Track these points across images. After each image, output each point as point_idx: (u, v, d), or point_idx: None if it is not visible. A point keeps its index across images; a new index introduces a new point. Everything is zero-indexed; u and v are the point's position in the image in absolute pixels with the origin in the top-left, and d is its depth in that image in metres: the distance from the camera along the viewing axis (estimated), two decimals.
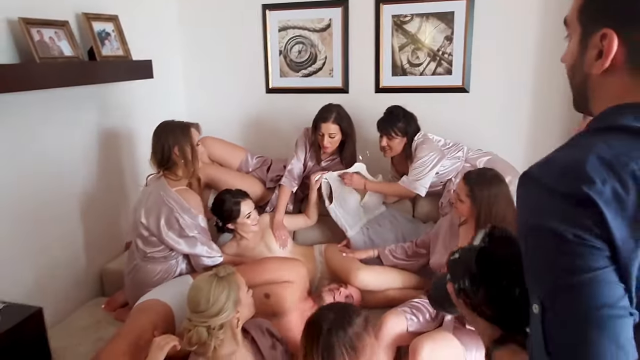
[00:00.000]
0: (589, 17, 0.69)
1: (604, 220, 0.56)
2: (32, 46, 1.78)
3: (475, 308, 0.80)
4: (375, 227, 2.42)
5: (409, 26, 2.67)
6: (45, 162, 2.06)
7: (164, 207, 1.97)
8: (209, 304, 1.50)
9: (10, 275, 1.91)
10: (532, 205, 0.63)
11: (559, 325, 0.58)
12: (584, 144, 0.63)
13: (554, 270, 0.59)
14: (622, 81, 0.66)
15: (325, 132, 2.40)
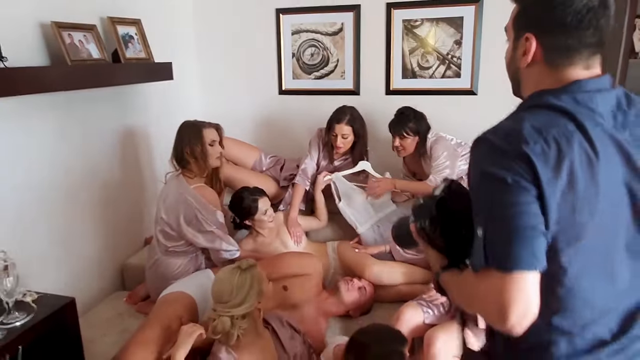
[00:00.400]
0: (519, 25, 0.93)
1: (534, 169, 0.78)
2: (63, 49, 1.87)
3: (430, 242, 1.01)
4: (386, 225, 2.50)
5: (419, 30, 2.76)
6: (72, 160, 2.15)
7: (183, 204, 2.05)
8: (232, 295, 1.59)
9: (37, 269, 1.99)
10: (484, 159, 0.84)
11: (495, 241, 0.79)
12: (520, 117, 0.86)
13: (495, 204, 0.81)
14: (541, 73, 0.90)
15: (339, 133, 2.48)
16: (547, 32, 0.88)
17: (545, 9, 0.87)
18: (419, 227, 1.00)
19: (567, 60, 0.87)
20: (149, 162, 2.69)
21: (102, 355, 1.88)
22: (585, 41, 0.86)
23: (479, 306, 0.86)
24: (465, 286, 0.89)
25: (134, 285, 2.42)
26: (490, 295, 0.79)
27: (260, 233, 2.41)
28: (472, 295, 0.86)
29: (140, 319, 2.16)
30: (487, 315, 0.83)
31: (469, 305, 0.92)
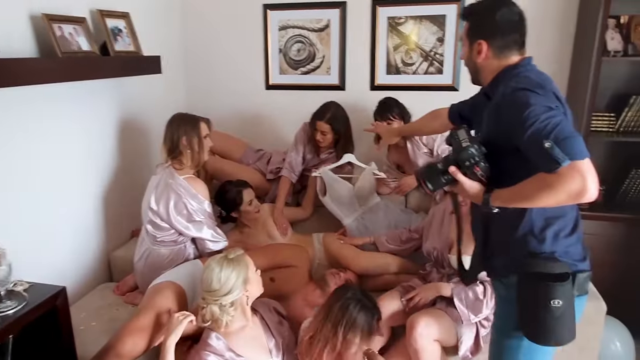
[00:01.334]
0: (472, 35, 1.39)
1: (559, 99, 1.25)
2: (54, 41, 1.88)
3: (471, 175, 1.30)
4: (370, 216, 2.57)
5: (403, 28, 2.83)
6: (60, 151, 2.16)
7: (173, 194, 2.09)
8: (220, 283, 1.64)
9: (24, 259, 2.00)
10: (533, 99, 1.19)
11: (565, 145, 1.10)
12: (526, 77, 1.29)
13: (552, 122, 1.14)
14: (492, 63, 1.37)
15: (319, 129, 2.56)
16: (492, 38, 1.35)
17: (490, 25, 1.35)
18: (470, 164, 1.28)
19: (508, 52, 1.35)
20: (138, 154, 2.71)
21: (92, 343, 1.90)
22: (517, 40, 1.36)
23: (556, 195, 1.12)
24: (534, 187, 1.17)
25: (121, 277, 2.44)
26: (574, 180, 1.09)
27: (247, 225, 2.46)
28: (548, 190, 1.13)
29: (128, 309, 2.19)
30: (567, 197, 1.11)
31: (539, 199, 1.16)
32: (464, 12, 1.44)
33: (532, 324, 1.29)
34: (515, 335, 1.35)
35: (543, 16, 2.62)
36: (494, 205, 1.27)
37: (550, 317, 1.24)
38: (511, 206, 1.25)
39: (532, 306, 1.28)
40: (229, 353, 1.70)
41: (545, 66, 2.59)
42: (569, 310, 1.26)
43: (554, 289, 1.24)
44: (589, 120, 2.40)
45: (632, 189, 2.57)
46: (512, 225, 1.33)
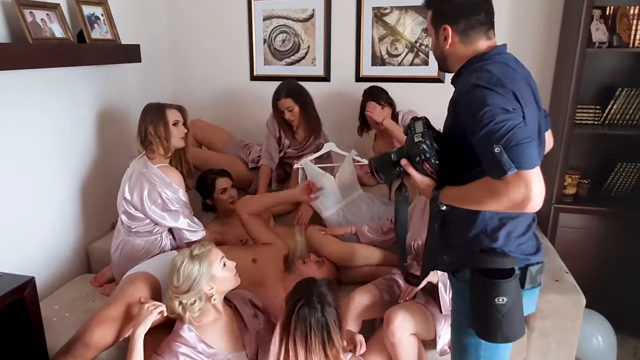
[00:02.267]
0: (436, 22, 1.33)
1: (518, 99, 1.17)
2: (25, 27, 1.85)
3: (421, 170, 1.29)
4: (352, 209, 2.54)
5: (389, 18, 2.80)
6: (38, 139, 2.13)
7: (147, 183, 2.07)
8: (180, 282, 1.62)
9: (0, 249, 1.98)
10: (488, 98, 1.14)
11: (514, 151, 1.07)
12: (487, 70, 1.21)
13: (505, 126, 1.10)
14: (459, 49, 1.31)
15: (282, 108, 2.56)
16: (456, 21, 1.29)
17: (450, 8, 1.30)
18: (421, 159, 1.26)
19: (474, 36, 1.29)
20: (118, 144, 2.67)
21: (63, 334, 1.87)
22: (481, 20, 1.29)
23: (499, 202, 1.11)
24: (480, 191, 1.16)
25: (100, 269, 2.41)
26: (519, 189, 1.07)
27: (226, 215, 2.44)
28: (492, 196, 1.12)
29: (104, 300, 2.15)
30: (511, 205, 1.10)
31: (484, 203, 1.16)
32: (426, 1, 1.38)
33: (479, 320, 1.29)
34: (473, 332, 1.33)
35: (529, 7, 2.60)
36: (443, 202, 1.26)
37: (496, 313, 1.22)
38: (458, 206, 1.24)
39: (480, 303, 1.27)
40: (200, 345, 1.68)
41: (530, 57, 2.61)
42: (515, 307, 1.24)
43: (499, 286, 1.22)
44: (573, 113, 2.37)
45: (617, 182, 2.55)
46: (466, 224, 1.31)
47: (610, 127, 2.50)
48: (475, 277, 1.27)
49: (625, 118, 2.48)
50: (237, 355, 1.73)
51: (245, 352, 1.76)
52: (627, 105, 2.45)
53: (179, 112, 2.19)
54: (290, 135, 2.69)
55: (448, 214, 1.29)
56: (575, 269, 2.13)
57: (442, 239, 1.38)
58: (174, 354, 1.65)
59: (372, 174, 1.40)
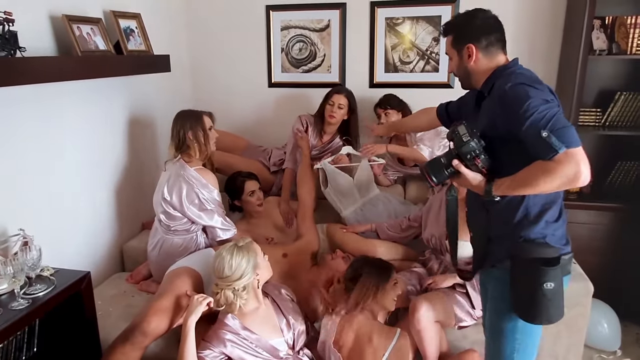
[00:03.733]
0: (459, 43, 1.50)
1: (553, 93, 1.36)
2: (74, 40, 1.99)
3: (473, 167, 1.40)
4: (369, 208, 2.69)
5: (401, 28, 2.96)
6: (76, 144, 2.27)
7: (185, 184, 2.20)
8: (232, 270, 1.75)
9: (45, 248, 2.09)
10: (531, 92, 1.30)
11: (561, 134, 1.22)
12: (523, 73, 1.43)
13: (550, 114, 1.25)
14: (483, 64, 1.47)
15: (336, 102, 2.71)
16: (478, 40, 1.47)
17: (471, 29, 1.48)
18: (471, 157, 1.38)
19: (495, 51, 1.48)
20: (149, 149, 2.81)
21: (111, 327, 2.01)
22: (499, 38, 1.49)
23: (553, 180, 1.24)
24: (533, 174, 1.27)
25: (133, 267, 2.55)
26: (570, 165, 1.21)
27: (252, 215, 2.58)
28: (547, 175, 1.24)
29: (143, 296, 2.30)
30: (565, 181, 1.23)
31: (539, 184, 1.27)
32: (445, 28, 1.55)
33: (526, 305, 1.40)
34: (511, 316, 1.46)
35: (533, 18, 2.77)
36: (496, 194, 1.37)
37: (544, 298, 1.34)
38: (512, 194, 1.36)
39: (527, 289, 1.38)
40: (244, 331, 1.81)
41: (536, 64, 2.78)
42: (559, 292, 1.37)
43: (547, 273, 1.34)
44: (576, 116, 2.55)
45: (618, 179, 2.72)
46: (510, 213, 1.43)
47: (610, 128, 2.67)
48: (521, 265, 1.39)
49: (624, 120, 2.65)
50: (277, 341, 1.87)
51: (283, 338, 1.90)
52: (626, 108, 2.63)
53: (210, 118, 2.33)
54: (318, 135, 2.83)
55: (492, 205, 1.41)
56: (580, 261, 2.27)
57: (487, 232, 1.51)
58: (221, 340, 1.78)
59: (424, 178, 1.50)
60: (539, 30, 2.79)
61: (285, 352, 1.86)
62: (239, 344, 1.79)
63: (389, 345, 1.75)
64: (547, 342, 2.12)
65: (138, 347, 1.79)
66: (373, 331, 1.79)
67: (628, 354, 2.47)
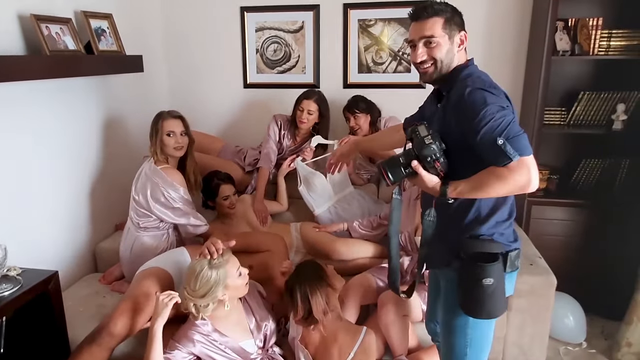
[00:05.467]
0: (451, 28, 1.44)
1: (509, 100, 1.37)
2: (42, 40, 1.99)
3: (432, 169, 1.40)
4: (343, 206, 2.73)
5: (374, 29, 3.02)
6: (47, 146, 2.26)
7: (150, 183, 2.22)
8: (197, 286, 1.74)
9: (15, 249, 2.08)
10: (489, 99, 1.32)
11: (514, 142, 1.26)
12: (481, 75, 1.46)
13: (504, 121, 1.28)
14: (462, 56, 1.48)
15: (305, 108, 2.73)
16: (464, 29, 1.48)
17: (460, 19, 1.48)
18: (431, 159, 1.38)
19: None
20: (122, 150, 2.81)
21: (80, 327, 2.00)
22: None
23: (505, 186, 1.28)
24: (486, 179, 1.31)
25: (106, 268, 2.54)
26: (522, 173, 1.25)
27: (225, 216, 2.59)
28: (499, 181, 1.28)
29: (115, 296, 2.30)
30: (516, 188, 1.28)
31: (492, 189, 1.31)
32: (436, 8, 1.44)
33: (467, 300, 1.44)
34: (461, 312, 1.49)
35: (502, 20, 2.85)
36: (451, 196, 1.39)
37: (483, 294, 1.38)
38: (465, 197, 1.38)
39: (468, 285, 1.42)
40: (214, 333, 1.82)
41: (503, 65, 2.86)
42: (499, 287, 1.40)
43: (486, 269, 1.38)
44: (542, 115, 2.62)
45: (582, 177, 2.80)
46: (462, 214, 1.46)
47: (574, 127, 2.76)
48: (464, 263, 1.43)
49: (587, 119, 2.74)
50: (246, 343, 1.88)
51: (253, 340, 1.91)
52: (589, 107, 2.71)
53: (180, 121, 2.30)
54: (292, 136, 2.87)
55: (444, 206, 1.44)
56: (547, 256, 2.35)
57: (439, 232, 1.52)
58: (190, 340, 1.78)
59: (381, 175, 1.49)
60: (508, 32, 2.86)
61: (255, 352, 1.88)
62: (207, 345, 1.79)
63: (354, 343, 1.78)
64: (512, 334, 2.19)
65: (105, 347, 1.79)
66: (338, 330, 1.81)
67: (593, 346, 2.54)
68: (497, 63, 2.89)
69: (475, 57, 3.13)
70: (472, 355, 1.55)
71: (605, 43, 2.57)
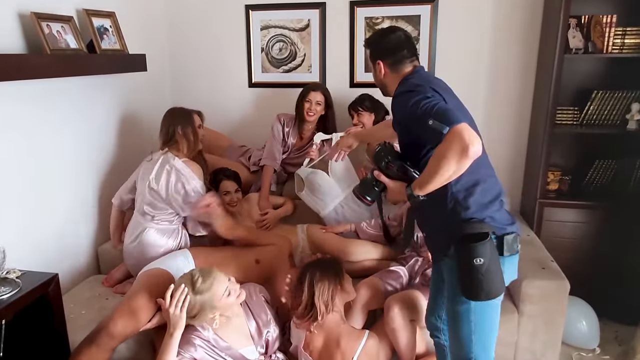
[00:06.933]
0: (373, 58, 1.69)
1: (434, 88, 1.47)
2: (43, 38, 1.95)
3: (392, 174, 1.52)
4: (351, 206, 2.66)
5: (381, 27, 2.96)
6: (51, 146, 2.23)
7: (173, 174, 2.21)
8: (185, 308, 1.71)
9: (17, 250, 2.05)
10: (415, 94, 1.43)
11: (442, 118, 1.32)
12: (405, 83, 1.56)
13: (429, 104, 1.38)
14: (393, 77, 1.63)
15: (313, 100, 2.70)
16: (385, 57, 1.64)
17: (381, 48, 1.66)
18: (385, 160, 1.51)
19: (401, 66, 1.62)
20: (123, 151, 2.77)
21: (82, 329, 1.96)
22: (405, 55, 1.62)
23: (449, 159, 1.29)
24: (434, 162, 1.34)
25: (109, 269, 2.51)
26: (455, 140, 1.27)
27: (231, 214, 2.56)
28: (442, 159, 1.31)
29: (117, 298, 2.26)
30: (458, 156, 1.28)
31: (443, 170, 1.32)
32: (365, 43, 1.77)
33: (464, 282, 1.45)
34: (462, 299, 1.49)
35: (511, 17, 2.78)
36: (417, 194, 1.43)
37: (477, 273, 1.39)
38: (431, 188, 1.40)
39: (463, 267, 1.44)
40: (215, 338, 1.79)
41: (513, 64, 2.79)
42: (493, 267, 1.40)
43: (475, 249, 1.39)
44: (554, 114, 2.55)
45: (596, 178, 2.73)
46: (440, 205, 1.49)
47: (587, 126, 2.68)
48: (457, 247, 1.45)
49: (601, 118, 2.67)
50: (247, 349, 1.85)
51: (254, 346, 1.87)
52: (602, 106, 2.64)
53: (199, 117, 2.40)
54: (297, 134, 2.83)
55: (422, 204, 1.47)
56: (559, 259, 2.29)
57: (428, 227, 1.61)
58: (191, 344, 1.76)
59: (360, 200, 1.59)
60: (518, 29, 2.79)
61: (256, 359, 1.84)
62: (208, 350, 1.77)
63: (357, 348, 1.74)
64: (524, 340, 2.13)
65: (104, 349, 1.76)
66: (341, 334, 1.78)
67: (607, 351, 2.47)
68: (506, 61, 2.83)
69: (483, 55, 3.10)
70: (477, 341, 1.55)
71: (619, 41, 2.50)
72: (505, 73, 2.85)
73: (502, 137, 2.95)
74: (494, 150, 2.04)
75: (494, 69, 2.87)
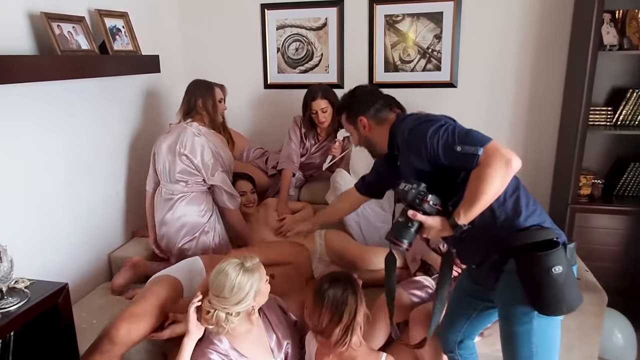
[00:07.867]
0: (352, 118, 1.68)
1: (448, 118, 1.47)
2: (53, 39, 1.89)
3: (428, 209, 1.40)
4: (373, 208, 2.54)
5: (401, 25, 2.85)
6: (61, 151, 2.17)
7: (207, 143, 2.27)
8: (232, 293, 1.58)
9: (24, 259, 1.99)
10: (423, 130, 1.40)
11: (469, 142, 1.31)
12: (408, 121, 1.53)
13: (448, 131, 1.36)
14: (379, 130, 1.64)
15: (317, 109, 2.58)
16: (364, 111, 1.64)
17: (358, 104, 1.67)
18: (419, 197, 1.39)
19: (383, 115, 1.64)
20: (136, 155, 2.70)
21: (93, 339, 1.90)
22: (383, 104, 1.65)
23: (493, 179, 1.27)
24: (476, 186, 1.30)
25: None
26: (494, 158, 1.26)
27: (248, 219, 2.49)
28: (486, 179, 1.28)
29: None
30: (502, 175, 1.27)
31: (489, 188, 1.29)
32: (337, 110, 1.81)
33: (541, 296, 1.32)
34: (524, 319, 1.37)
35: (540, 14, 2.65)
36: (462, 222, 1.36)
37: (555, 284, 1.28)
38: (476, 212, 1.34)
39: (536, 280, 1.31)
40: (232, 352, 1.69)
41: (541, 62, 2.66)
42: (570, 275, 1.31)
43: (551, 257, 1.29)
44: (586, 115, 2.41)
45: (630, 182, 2.58)
46: (488, 222, 1.39)
47: (622, 128, 2.54)
48: (524, 259, 1.33)
49: (637, 119, 2.52)
50: None
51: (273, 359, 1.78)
52: (638, 106, 2.50)
53: (222, 90, 2.46)
54: (313, 137, 2.74)
55: (467, 233, 1.38)
56: (593, 268, 2.16)
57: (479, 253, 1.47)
58: (206, 357, 1.66)
59: (395, 246, 1.46)
60: (547, 25, 2.66)
61: None
62: None
63: None
64: (560, 355, 1.99)
65: (108, 356, 1.67)
66: (357, 357, 1.66)
67: None
68: (533, 60, 2.70)
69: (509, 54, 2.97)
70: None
71: None
72: (533, 72, 2.71)
73: (529, 139, 2.82)
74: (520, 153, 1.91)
75: (521, 68, 2.74)
